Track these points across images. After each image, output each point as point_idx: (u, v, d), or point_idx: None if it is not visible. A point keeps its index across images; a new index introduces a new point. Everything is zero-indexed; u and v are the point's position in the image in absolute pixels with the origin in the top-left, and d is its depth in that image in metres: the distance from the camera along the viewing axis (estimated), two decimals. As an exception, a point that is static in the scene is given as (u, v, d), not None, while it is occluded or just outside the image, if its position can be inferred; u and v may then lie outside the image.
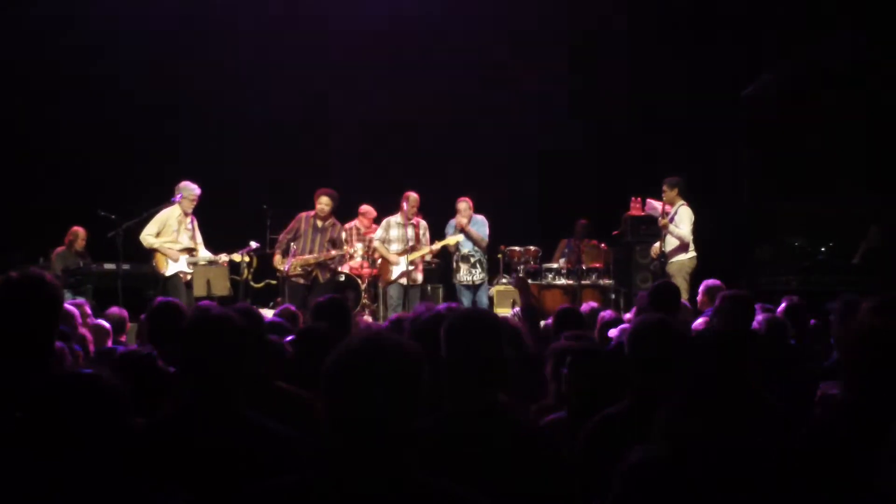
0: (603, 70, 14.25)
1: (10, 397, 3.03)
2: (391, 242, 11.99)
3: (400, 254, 11.85)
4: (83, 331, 5.91)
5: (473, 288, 12.14)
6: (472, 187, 12.43)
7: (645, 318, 4.00)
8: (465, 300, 11.91)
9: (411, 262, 11.80)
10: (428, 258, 12.35)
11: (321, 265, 11.63)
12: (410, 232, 11.87)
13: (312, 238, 11.61)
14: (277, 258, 11.66)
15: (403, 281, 11.80)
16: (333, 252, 11.64)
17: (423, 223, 12.07)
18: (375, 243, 12.12)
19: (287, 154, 14.40)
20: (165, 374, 4.22)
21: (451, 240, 12.00)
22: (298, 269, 11.49)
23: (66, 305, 6.61)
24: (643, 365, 3.82)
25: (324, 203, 11.57)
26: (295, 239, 11.63)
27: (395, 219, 12.00)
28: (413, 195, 11.87)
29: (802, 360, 5.98)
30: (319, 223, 11.65)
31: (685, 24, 13.76)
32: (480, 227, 12.12)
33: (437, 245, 12.03)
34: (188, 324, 3.26)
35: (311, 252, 11.53)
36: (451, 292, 12.47)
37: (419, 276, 12.09)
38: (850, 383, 3.42)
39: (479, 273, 12.18)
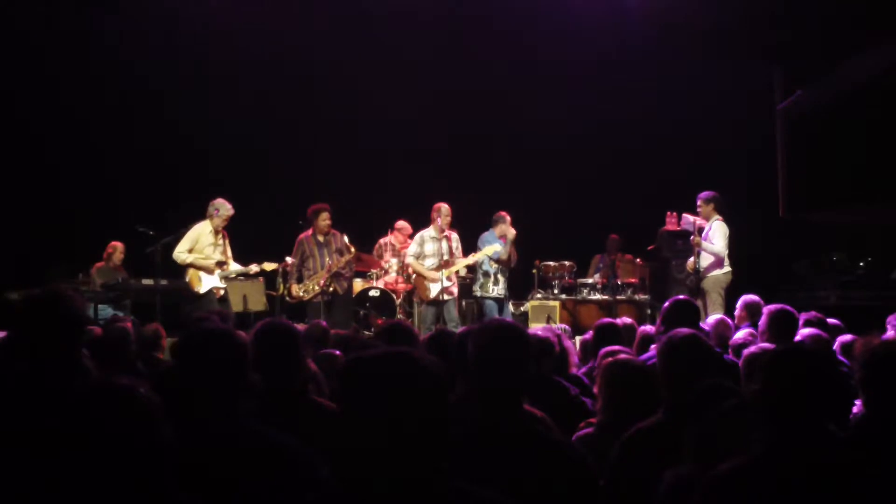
0: (638, 83, 14.21)
1: (36, 408, 3.11)
2: (426, 257, 11.77)
3: (436, 269, 11.66)
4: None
5: (504, 301, 12.04)
6: (507, 202, 12.41)
7: (676, 333, 3.99)
8: (495, 313, 11.72)
9: (447, 278, 11.65)
10: (462, 272, 12.24)
11: (336, 276, 11.64)
12: (444, 246, 11.71)
13: (320, 255, 11.62)
14: (295, 287, 11.66)
15: (444, 296, 11.62)
16: (343, 259, 11.66)
17: (454, 235, 11.87)
18: (409, 260, 11.91)
19: (322, 169, 14.46)
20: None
21: (488, 250, 11.62)
22: (317, 289, 11.49)
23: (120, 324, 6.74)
24: (674, 379, 3.82)
25: (325, 218, 11.58)
26: (304, 262, 11.68)
27: (429, 233, 11.80)
28: (445, 206, 11.68)
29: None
30: (321, 238, 11.65)
31: (721, 36, 13.68)
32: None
33: (474, 257, 11.71)
34: (182, 341, 3.32)
35: (324, 268, 11.53)
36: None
37: (455, 290, 11.88)
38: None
39: (504, 287, 12.02)
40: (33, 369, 3.52)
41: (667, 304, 6.45)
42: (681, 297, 6.93)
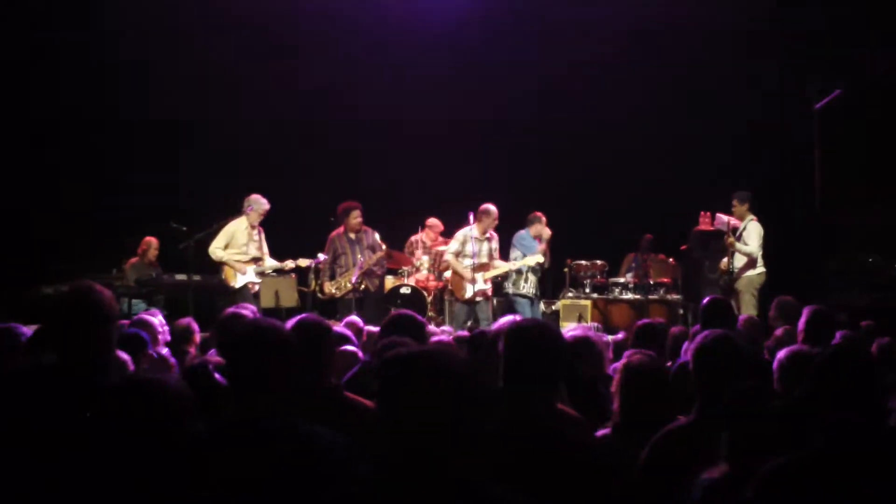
0: (672, 82, 14.15)
1: (72, 404, 3.13)
2: (465, 257, 11.66)
3: (475, 270, 11.59)
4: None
5: (535, 299, 12.00)
6: (539, 201, 12.40)
7: (709, 334, 3.96)
8: (527, 311, 11.69)
9: (485, 280, 11.61)
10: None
11: (367, 273, 11.68)
12: (486, 247, 11.69)
13: (352, 252, 11.66)
14: (327, 284, 11.73)
15: (479, 298, 11.61)
16: (375, 257, 11.70)
17: (495, 237, 11.87)
18: (448, 257, 11.81)
19: (353, 167, 14.51)
20: (219, 386, 4.23)
21: (530, 260, 11.65)
22: (348, 286, 11.52)
23: (146, 317, 6.78)
24: (707, 380, 3.80)
25: (356, 216, 11.65)
26: (336, 259, 11.72)
27: (472, 232, 11.67)
28: (494, 209, 11.60)
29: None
30: (353, 235, 11.70)
31: (756, 33, 13.62)
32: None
33: (518, 264, 11.67)
34: (231, 335, 3.31)
35: (355, 265, 11.56)
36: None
37: (490, 291, 11.83)
38: None
39: (534, 285, 12.05)
40: (61, 364, 3.53)
41: (704, 302, 6.45)
42: (717, 296, 6.90)
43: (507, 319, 5.26)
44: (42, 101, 13.42)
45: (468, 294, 11.63)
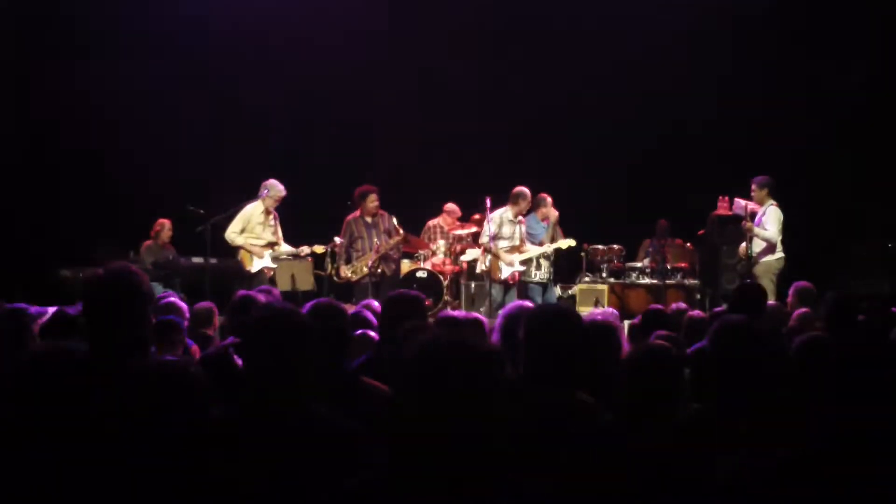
0: (693, 66, 14.06)
1: (104, 389, 3.12)
2: (501, 239, 11.70)
3: (510, 251, 11.67)
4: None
5: (548, 284, 12.03)
6: (555, 185, 12.36)
7: (728, 320, 3.93)
8: (538, 298, 11.67)
9: (523, 262, 11.68)
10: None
11: (384, 257, 11.67)
12: (518, 230, 11.75)
13: (368, 236, 11.66)
14: (343, 268, 11.73)
15: (511, 281, 11.66)
16: (392, 241, 11.70)
17: (524, 221, 11.94)
18: (484, 240, 11.76)
19: (368, 152, 14.49)
20: (238, 370, 4.20)
21: (563, 243, 11.82)
22: (365, 270, 11.52)
23: (175, 300, 6.79)
24: (725, 367, 3.76)
25: (373, 199, 11.64)
26: (352, 243, 11.71)
27: (507, 215, 11.74)
28: (528, 191, 11.69)
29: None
30: (369, 219, 11.71)
31: (778, 19, 13.53)
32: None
33: (552, 246, 11.83)
34: (251, 320, 3.28)
35: (372, 249, 11.55)
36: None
37: (518, 274, 11.83)
38: None
39: (547, 270, 12.07)
40: (99, 348, 3.48)
41: (735, 288, 6.42)
42: (752, 282, 6.85)
43: (513, 305, 5.21)
44: (53, 85, 13.46)
45: (505, 274, 11.65)
